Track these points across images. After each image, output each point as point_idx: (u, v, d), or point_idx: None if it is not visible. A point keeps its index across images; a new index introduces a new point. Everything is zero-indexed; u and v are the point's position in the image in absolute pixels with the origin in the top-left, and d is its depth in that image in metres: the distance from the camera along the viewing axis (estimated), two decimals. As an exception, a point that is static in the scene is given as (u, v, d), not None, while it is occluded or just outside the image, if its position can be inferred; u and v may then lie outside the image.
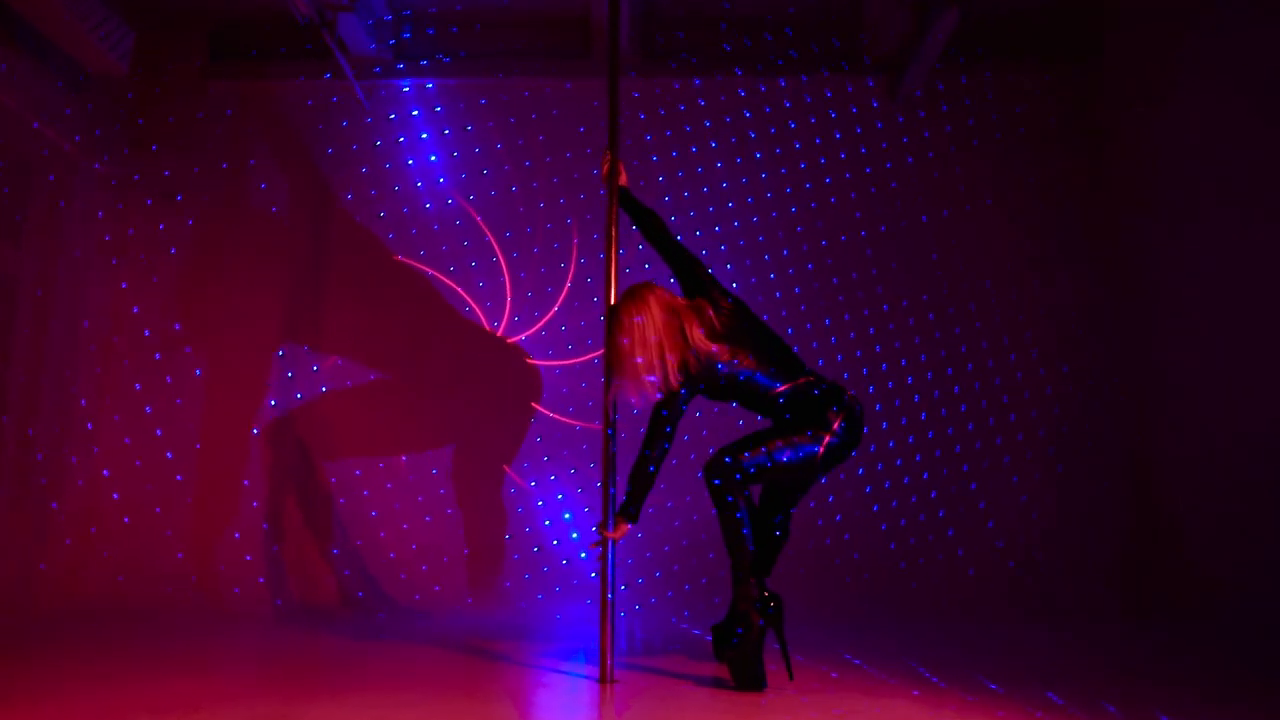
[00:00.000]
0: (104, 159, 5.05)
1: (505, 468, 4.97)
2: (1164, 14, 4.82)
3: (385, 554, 4.89)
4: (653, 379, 3.07)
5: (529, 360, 5.07)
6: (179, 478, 4.94)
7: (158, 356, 5.07)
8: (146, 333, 5.08)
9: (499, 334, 5.11)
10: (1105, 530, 4.87)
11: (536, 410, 5.03)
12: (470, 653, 3.63)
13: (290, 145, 5.25)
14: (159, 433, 4.98)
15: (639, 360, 3.06)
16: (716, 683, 3.03)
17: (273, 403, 5.03)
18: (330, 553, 4.88)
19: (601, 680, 3.03)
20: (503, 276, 5.15)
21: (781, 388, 3.11)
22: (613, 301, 3.28)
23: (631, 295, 3.15)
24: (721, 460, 3.01)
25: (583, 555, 4.82)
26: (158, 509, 4.90)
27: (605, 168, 3.42)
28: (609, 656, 3.05)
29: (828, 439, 3.04)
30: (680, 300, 3.19)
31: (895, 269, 5.14)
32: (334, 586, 4.82)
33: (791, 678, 2.99)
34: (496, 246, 5.16)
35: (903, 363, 5.06)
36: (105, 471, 4.93)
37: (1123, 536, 4.85)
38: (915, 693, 2.91)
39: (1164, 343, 4.83)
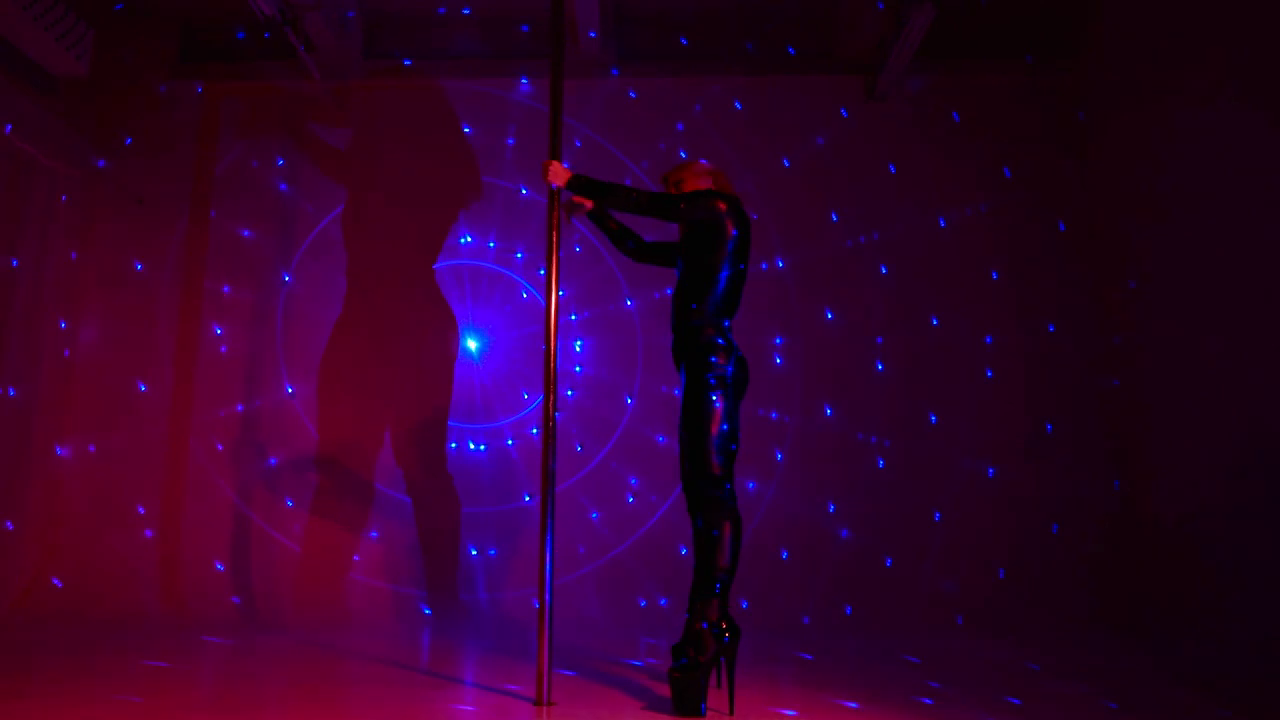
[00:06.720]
0: (71, 160, 4.97)
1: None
2: (1144, 9, 4.69)
3: (350, 562, 4.79)
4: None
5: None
6: (142, 482, 4.88)
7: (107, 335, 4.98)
8: (105, 353, 4.99)
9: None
10: (1088, 535, 4.73)
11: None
12: (408, 669, 3.51)
13: (258, 145, 5.16)
14: (122, 440, 4.92)
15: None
16: (658, 705, 2.89)
17: (239, 407, 4.94)
18: (290, 566, 4.78)
19: (537, 702, 2.90)
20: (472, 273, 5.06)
21: (698, 310, 3.02)
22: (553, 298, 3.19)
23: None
24: (694, 481, 2.91)
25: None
26: (137, 509, 4.86)
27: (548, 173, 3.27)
28: (545, 678, 2.92)
29: (719, 368, 2.93)
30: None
31: (873, 268, 5.01)
32: (288, 599, 4.71)
33: (732, 712, 2.81)
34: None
35: (878, 365, 4.92)
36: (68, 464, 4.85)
37: (1105, 542, 4.71)
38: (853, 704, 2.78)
39: (1147, 341, 4.70)
